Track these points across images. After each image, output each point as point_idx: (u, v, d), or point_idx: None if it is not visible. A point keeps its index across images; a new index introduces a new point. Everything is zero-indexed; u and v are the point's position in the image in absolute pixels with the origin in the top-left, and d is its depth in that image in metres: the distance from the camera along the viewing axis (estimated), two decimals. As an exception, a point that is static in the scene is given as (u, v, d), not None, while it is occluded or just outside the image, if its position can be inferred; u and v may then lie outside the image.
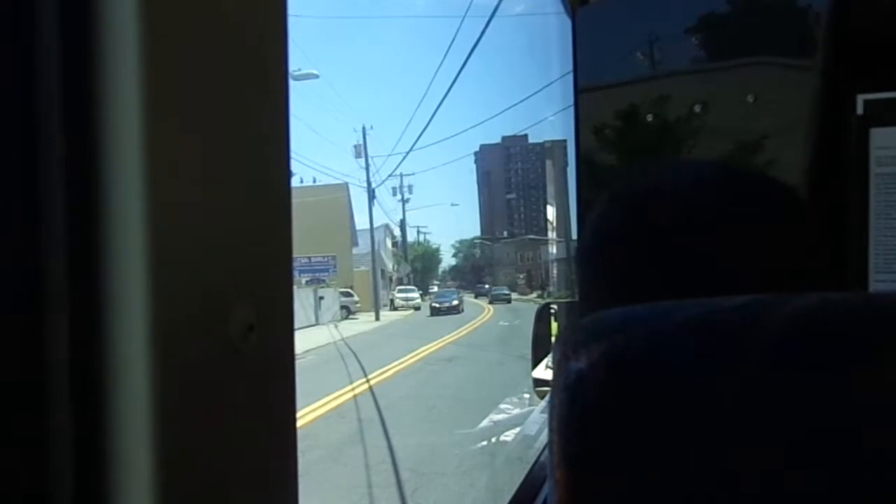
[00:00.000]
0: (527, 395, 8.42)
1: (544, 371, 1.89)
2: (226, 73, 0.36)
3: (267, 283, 0.40)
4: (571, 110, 1.49)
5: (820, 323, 0.41)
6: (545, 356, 1.91)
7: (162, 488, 0.32)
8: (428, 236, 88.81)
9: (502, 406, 9.23)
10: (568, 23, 1.46)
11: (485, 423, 8.51)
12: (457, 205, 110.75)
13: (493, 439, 7.67)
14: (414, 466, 6.84)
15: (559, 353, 0.45)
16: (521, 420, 7.79)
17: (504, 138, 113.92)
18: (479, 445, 7.59)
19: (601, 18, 1.46)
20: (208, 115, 0.35)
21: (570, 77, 1.48)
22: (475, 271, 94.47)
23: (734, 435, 0.41)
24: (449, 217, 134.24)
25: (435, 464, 6.98)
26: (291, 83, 0.42)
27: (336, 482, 6.42)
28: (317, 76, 27.10)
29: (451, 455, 7.26)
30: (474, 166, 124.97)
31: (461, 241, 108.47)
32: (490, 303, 47.80)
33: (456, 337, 20.89)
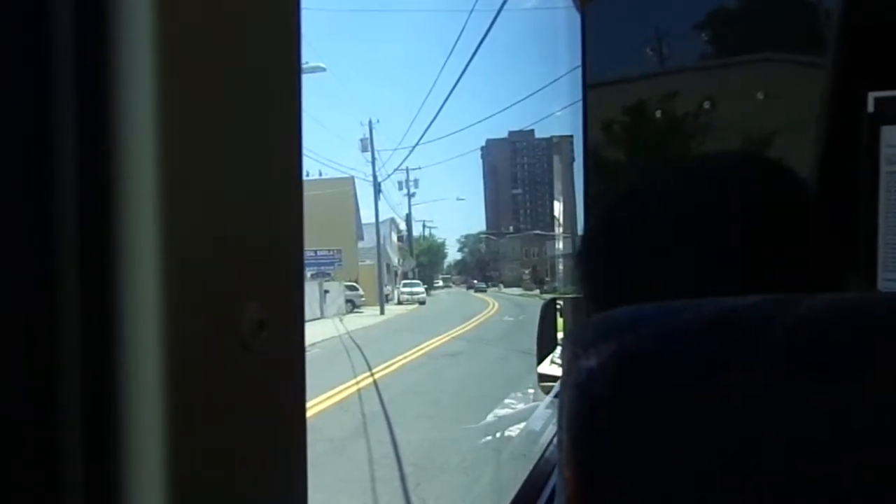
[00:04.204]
0: (531, 391, 8.41)
1: (549, 366, 1.89)
2: (237, 72, 0.36)
3: (278, 281, 0.40)
4: (579, 106, 1.49)
5: (832, 324, 0.41)
6: (550, 352, 1.91)
7: (174, 482, 0.32)
8: (433, 231, 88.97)
9: (507, 401, 9.23)
10: (577, 18, 1.46)
11: (489, 418, 8.51)
12: (462, 199, 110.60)
13: (498, 434, 7.67)
14: (417, 461, 6.84)
15: (569, 351, 0.45)
16: (525, 415, 7.79)
17: (510, 133, 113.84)
18: (483, 441, 7.59)
19: (611, 14, 1.46)
20: (219, 114, 0.35)
21: (579, 72, 1.47)
22: (480, 266, 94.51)
23: (743, 435, 0.41)
24: (454, 212, 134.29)
25: (438, 459, 6.99)
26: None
27: (340, 475, 6.44)
28: (324, 69, 27.08)
29: (455, 450, 7.26)
30: (480, 161, 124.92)
31: (467, 236, 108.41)
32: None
33: (461, 332, 20.89)
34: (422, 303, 41.01)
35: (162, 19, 0.31)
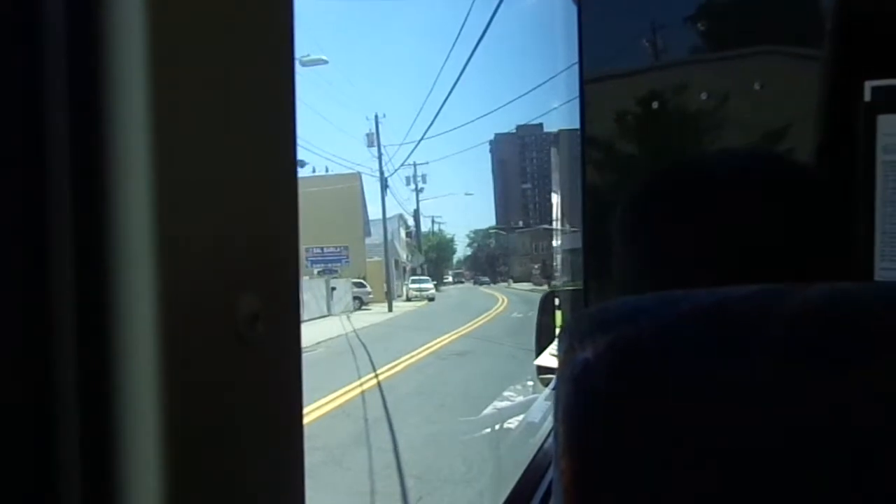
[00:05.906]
0: (531, 383, 8.36)
1: (548, 358, 1.89)
2: (230, 65, 0.36)
3: (273, 274, 0.40)
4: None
5: (830, 314, 0.41)
6: (549, 344, 1.91)
7: (168, 478, 0.32)
8: (442, 226, 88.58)
9: (506, 394, 9.18)
10: (574, 10, 1.45)
11: (489, 410, 8.46)
12: (471, 194, 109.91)
13: (498, 426, 7.59)
14: (420, 474, 6.67)
15: (566, 343, 0.45)
16: (527, 409, 7.72)
17: (518, 127, 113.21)
18: (486, 436, 7.52)
19: (607, 5, 1.45)
20: (213, 107, 0.35)
21: (577, 66, 1.47)
22: (490, 261, 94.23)
23: (740, 425, 0.41)
24: (464, 207, 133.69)
25: (442, 471, 6.84)
26: (300, 69, 0.42)
27: (339, 488, 6.27)
28: (326, 62, 26.92)
29: (461, 459, 7.15)
30: (489, 155, 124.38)
31: (476, 231, 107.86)
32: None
33: (469, 329, 20.77)
34: (431, 299, 40.58)
35: (153, 13, 0.31)
